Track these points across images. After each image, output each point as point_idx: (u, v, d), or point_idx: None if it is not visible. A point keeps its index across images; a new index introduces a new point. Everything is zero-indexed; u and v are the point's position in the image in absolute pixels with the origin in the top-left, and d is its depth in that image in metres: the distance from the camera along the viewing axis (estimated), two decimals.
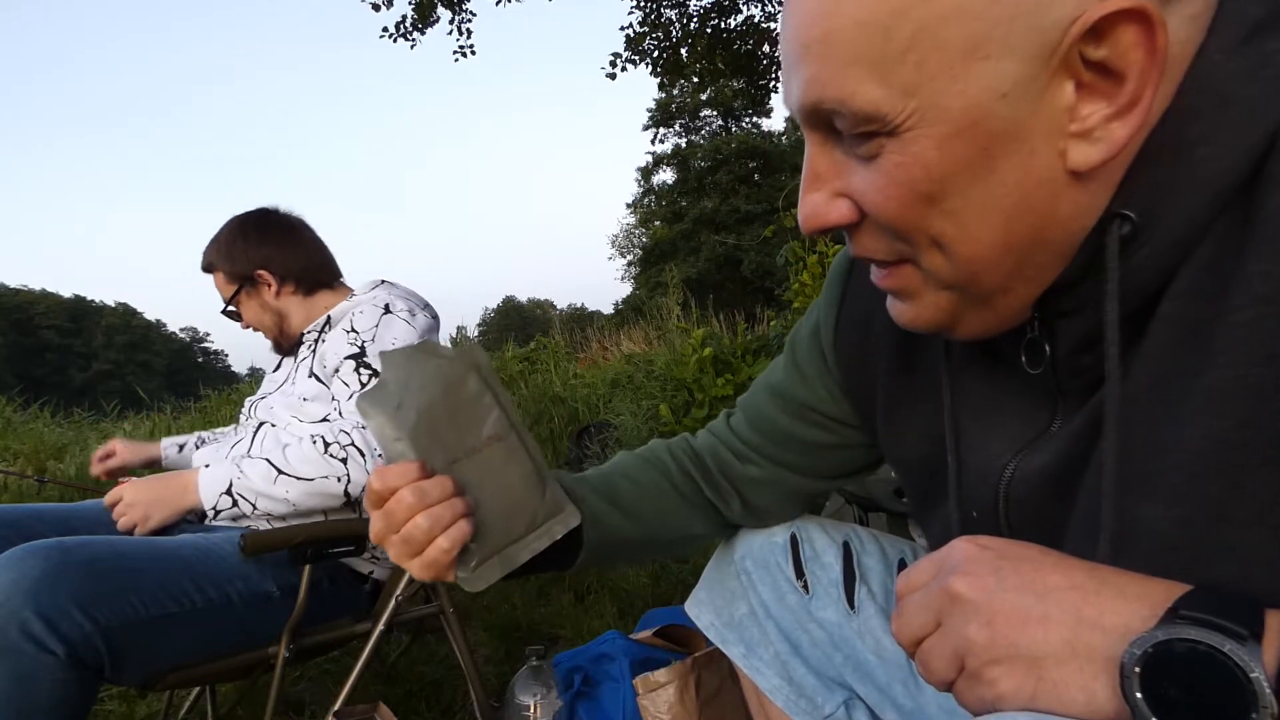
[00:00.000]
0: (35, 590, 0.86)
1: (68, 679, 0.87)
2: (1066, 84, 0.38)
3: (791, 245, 3.47)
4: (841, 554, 0.75)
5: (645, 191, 29.84)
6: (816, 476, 0.75)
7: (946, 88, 0.38)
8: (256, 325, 1.46)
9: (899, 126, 0.40)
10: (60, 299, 53.73)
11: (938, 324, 0.47)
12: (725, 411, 0.81)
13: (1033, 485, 0.50)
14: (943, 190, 0.40)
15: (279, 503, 1.17)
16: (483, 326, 50.32)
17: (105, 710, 1.56)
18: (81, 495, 2.40)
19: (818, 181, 0.46)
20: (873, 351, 0.63)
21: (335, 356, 1.29)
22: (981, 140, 0.39)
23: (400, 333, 1.32)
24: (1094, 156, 0.39)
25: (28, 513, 1.17)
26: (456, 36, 7.65)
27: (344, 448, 1.19)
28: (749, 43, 8.00)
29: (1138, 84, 0.37)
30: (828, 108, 0.42)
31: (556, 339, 6.94)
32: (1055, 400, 0.49)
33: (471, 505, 0.59)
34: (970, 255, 0.42)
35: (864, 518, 1.73)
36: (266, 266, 1.41)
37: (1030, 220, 0.41)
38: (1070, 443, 0.47)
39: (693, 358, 3.53)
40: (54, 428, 5.62)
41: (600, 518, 0.71)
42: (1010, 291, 0.44)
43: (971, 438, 0.54)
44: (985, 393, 0.54)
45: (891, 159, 0.41)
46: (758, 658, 0.77)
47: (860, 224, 0.46)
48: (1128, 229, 0.40)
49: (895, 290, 0.48)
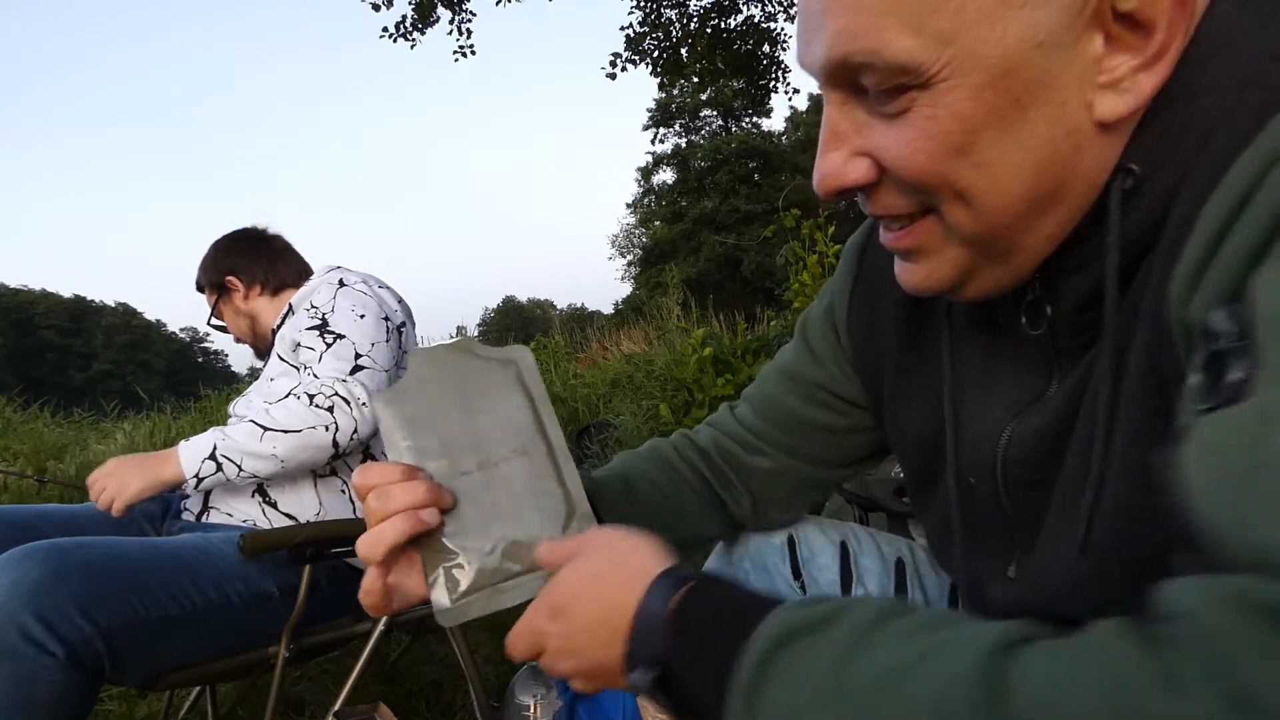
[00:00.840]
0: (34, 592, 0.86)
1: (67, 680, 0.87)
2: (1096, 35, 0.38)
3: (791, 245, 3.47)
4: (839, 554, 0.75)
5: (645, 191, 29.87)
6: (825, 465, 0.74)
7: (985, 35, 0.37)
8: (235, 332, 1.56)
9: (933, 77, 0.39)
10: (60, 299, 53.74)
11: (951, 281, 0.47)
12: (726, 404, 0.80)
13: (1028, 445, 0.50)
14: (974, 142, 0.40)
15: (266, 460, 1.17)
16: (483, 326, 50.35)
17: (105, 710, 1.57)
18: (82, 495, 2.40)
19: (837, 140, 0.44)
20: (882, 330, 0.63)
21: (295, 330, 1.34)
22: (1016, 90, 0.38)
23: (358, 301, 1.36)
24: (1121, 108, 0.39)
25: (34, 514, 1.18)
26: (456, 36, 7.65)
27: (329, 397, 1.20)
28: (749, 43, 8.00)
29: (1166, 35, 0.38)
30: (858, 60, 0.40)
31: (556, 339, 6.95)
32: (1053, 364, 0.50)
33: (463, 525, 0.53)
34: (996, 207, 0.42)
35: (864, 518, 1.73)
36: (233, 273, 1.51)
37: (1055, 172, 0.41)
38: (1065, 401, 0.48)
39: (693, 358, 3.54)
40: (54, 428, 5.63)
41: (623, 522, 0.69)
42: (1026, 246, 0.44)
43: (971, 407, 0.55)
44: (985, 360, 0.54)
45: (923, 112, 0.40)
46: None
47: (879, 183, 0.45)
48: (1130, 182, 0.40)
49: (911, 249, 0.47)
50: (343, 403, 1.20)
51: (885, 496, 1.64)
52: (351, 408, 1.21)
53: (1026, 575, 0.52)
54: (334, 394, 1.20)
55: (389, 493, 0.52)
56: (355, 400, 1.22)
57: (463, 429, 0.55)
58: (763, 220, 21.69)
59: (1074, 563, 0.46)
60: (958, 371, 0.56)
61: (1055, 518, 0.49)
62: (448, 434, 0.54)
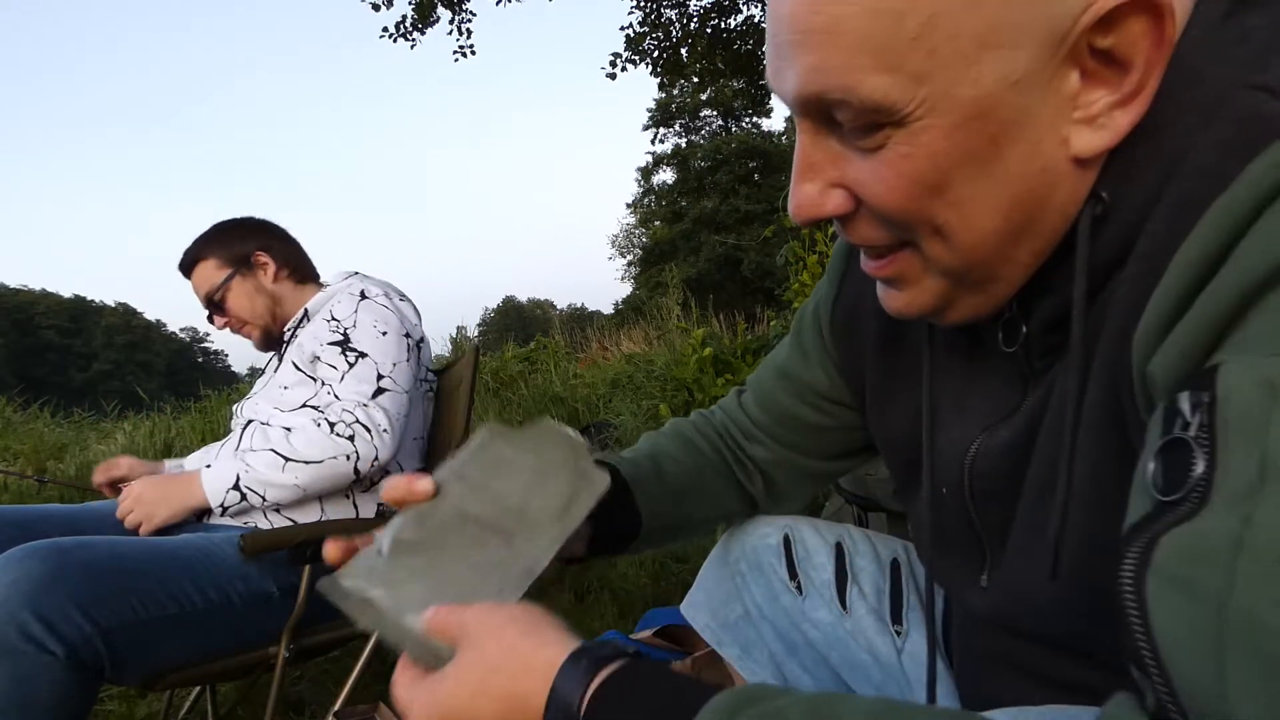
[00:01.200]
0: (34, 592, 0.87)
1: (68, 680, 0.88)
2: (1072, 73, 0.38)
3: (791, 245, 3.47)
4: (834, 555, 0.75)
5: (645, 191, 29.84)
6: (821, 458, 0.75)
7: (960, 76, 0.37)
8: (245, 315, 1.42)
9: (908, 116, 0.38)
10: (60, 299, 53.76)
11: (931, 309, 0.47)
12: (736, 389, 0.82)
13: (994, 459, 0.51)
14: (949, 180, 0.40)
15: (288, 490, 1.17)
16: (482, 326, 50.34)
17: (105, 710, 1.57)
18: (82, 495, 2.41)
19: (811, 172, 0.44)
20: (864, 330, 0.64)
21: (315, 341, 1.31)
22: (991, 129, 0.38)
23: (380, 316, 1.33)
24: (1097, 144, 0.39)
25: (35, 514, 1.18)
26: (456, 36, 7.66)
27: (349, 425, 1.19)
28: (749, 43, 8.00)
29: (1143, 73, 0.38)
30: (832, 98, 0.40)
31: (556, 339, 6.94)
32: (1027, 381, 0.50)
33: (422, 544, 0.51)
34: (972, 244, 0.42)
35: (863, 518, 1.73)
36: (266, 250, 1.43)
37: (1029, 208, 0.41)
38: (1029, 417, 0.48)
39: (693, 358, 3.54)
40: (54, 428, 5.63)
41: (656, 506, 0.71)
42: (1004, 277, 0.44)
43: (947, 416, 0.56)
44: (963, 373, 0.55)
45: (898, 150, 0.40)
46: (752, 659, 0.77)
47: (855, 213, 0.45)
48: (1100, 209, 0.41)
49: (891, 278, 0.47)
50: (364, 430, 1.19)
51: (885, 497, 1.65)
52: (372, 435, 1.20)
53: (999, 588, 0.53)
54: (355, 421, 1.19)
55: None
56: (376, 427, 1.20)
57: (508, 490, 0.54)
58: (763, 220, 21.68)
59: (1044, 586, 0.46)
60: (936, 380, 0.57)
61: (1023, 534, 0.50)
62: (495, 483, 0.54)
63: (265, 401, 1.33)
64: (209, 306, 1.43)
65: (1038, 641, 0.52)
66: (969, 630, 0.62)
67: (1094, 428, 0.42)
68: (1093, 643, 0.47)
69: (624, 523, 0.68)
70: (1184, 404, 0.31)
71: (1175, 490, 0.30)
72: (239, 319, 1.43)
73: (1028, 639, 0.53)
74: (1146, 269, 0.37)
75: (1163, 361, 0.34)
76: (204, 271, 1.42)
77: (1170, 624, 0.28)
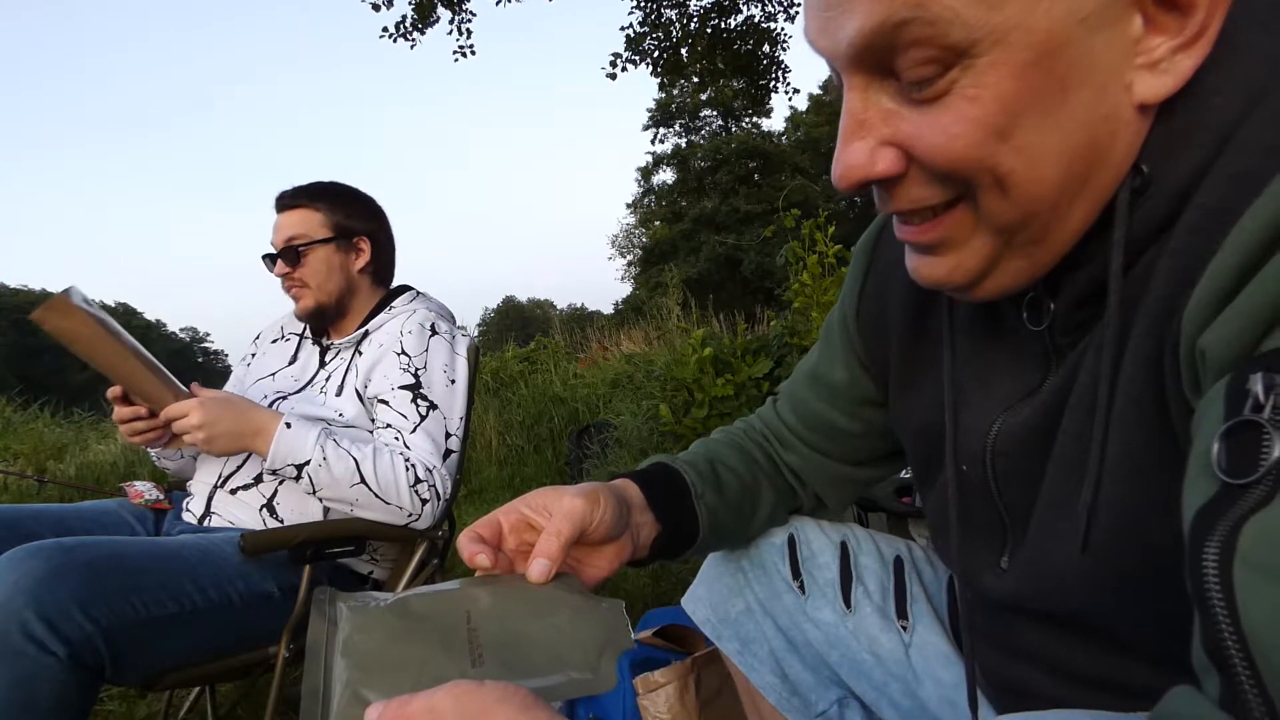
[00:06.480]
0: (36, 591, 0.86)
1: (68, 680, 0.87)
2: (1135, 16, 0.38)
3: (791, 245, 3.47)
4: (838, 554, 0.75)
5: (645, 191, 29.87)
6: (850, 463, 0.76)
7: (1033, 4, 0.36)
8: (315, 281, 1.32)
9: (976, 46, 0.37)
10: None
11: (975, 274, 0.45)
12: (771, 397, 0.83)
13: (1016, 437, 0.51)
14: (1016, 125, 0.38)
15: (342, 504, 1.17)
16: (483, 326, 50.33)
17: (105, 710, 1.57)
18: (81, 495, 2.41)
19: (862, 130, 0.42)
20: (889, 323, 0.64)
21: (385, 381, 1.27)
22: (1060, 70, 0.37)
23: (449, 360, 1.33)
24: (1160, 89, 0.39)
25: (26, 513, 1.18)
26: (456, 36, 7.64)
27: (430, 488, 1.20)
28: (749, 43, 7.99)
29: (1206, 14, 0.37)
30: (901, 19, 0.38)
31: (556, 339, 6.95)
32: (1050, 360, 0.50)
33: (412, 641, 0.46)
34: (1033, 195, 0.40)
35: (864, 518, 1.74)
36: (371, 238, 1.39)
37: (1090, 158, 0.40)
38: (1053, 394, 0.48)
39: (693, 358, 3.53)
40: (54, 428, 5.63)
41: (717, 516, 0.71)
42: (1053, 237, 0.43)
43: (969, 398, 0.56)
44: (984, 355, 0.55)
45: (964, 94, 0.38)
46: (752, 654, 0.77)
47: (904, 175, 0.43)
48: (1139, 181, 0.40)
49: (936, 241, 0.45)
50: (435, 498, 1.21)
51: (885, 497, 1.65)
52: (437, 505, 1.22)
53: (1021, 567, 0.53)
54: (432, 486, 1.20)
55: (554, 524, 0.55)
56: (439, 498, 1.22)
57: (530, 632, 0.49)
58: (763, 220, 21.71)
59: (1075, 561, 0.46)
60: (958, 362, 0.57)
61: (1049, 512, 0.49)
62: (523, 627, 0.49)
63: (310, 404, 1.28)
64: (283, 252, 1.32)
65: (1055, 623, 0.52)
66: (981, 617, 0.62)
67: (1130, 401, 0.41)
68: (1115, 618, 0.47)
69: (688, 528, 0.69)
70: (1256, 385, 0.30)
71: (1247, 473, 0.29)
72: (305, 281, 1.32)
73: (1044, 622, 0.52)
74: (1198, 241, 0.37)
75: (1218, 336, 0.33)
76: (303, 218, 1.32)
77: (1262, 614, 0.27)
